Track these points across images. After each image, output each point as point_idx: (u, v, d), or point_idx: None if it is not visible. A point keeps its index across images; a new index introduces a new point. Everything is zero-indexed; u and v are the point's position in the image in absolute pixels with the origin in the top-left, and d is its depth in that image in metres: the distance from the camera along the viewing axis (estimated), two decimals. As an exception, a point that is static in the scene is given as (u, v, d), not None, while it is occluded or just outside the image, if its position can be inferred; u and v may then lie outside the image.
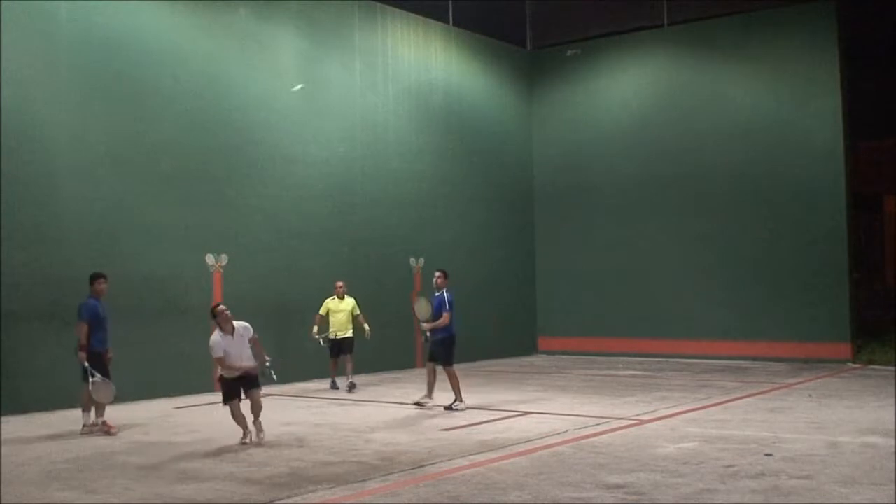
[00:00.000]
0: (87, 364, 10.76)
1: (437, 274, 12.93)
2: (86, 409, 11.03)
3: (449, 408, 12.32)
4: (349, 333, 15.11)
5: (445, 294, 12.63)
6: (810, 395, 13.40)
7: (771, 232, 19.27)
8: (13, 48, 12.93)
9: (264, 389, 10.84)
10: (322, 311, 15.12)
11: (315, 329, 15.04)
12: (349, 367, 15.05)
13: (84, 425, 10.96)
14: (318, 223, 17.23)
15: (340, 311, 15.07)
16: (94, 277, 11.30)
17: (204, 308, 15.09)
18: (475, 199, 20.85)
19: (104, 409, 11.08)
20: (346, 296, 15.19)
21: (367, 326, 15.01)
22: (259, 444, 9.93)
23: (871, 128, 22.76)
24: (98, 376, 10.75)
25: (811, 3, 19.12)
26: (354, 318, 15.13)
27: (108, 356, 11.19)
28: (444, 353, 12.59)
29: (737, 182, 19.66)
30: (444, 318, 12.49)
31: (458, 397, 12.46)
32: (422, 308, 12.76)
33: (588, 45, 21.97)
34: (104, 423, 11.00)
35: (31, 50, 13.23)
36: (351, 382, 14.94)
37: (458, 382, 12.51)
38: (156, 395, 14.11)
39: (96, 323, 11.01)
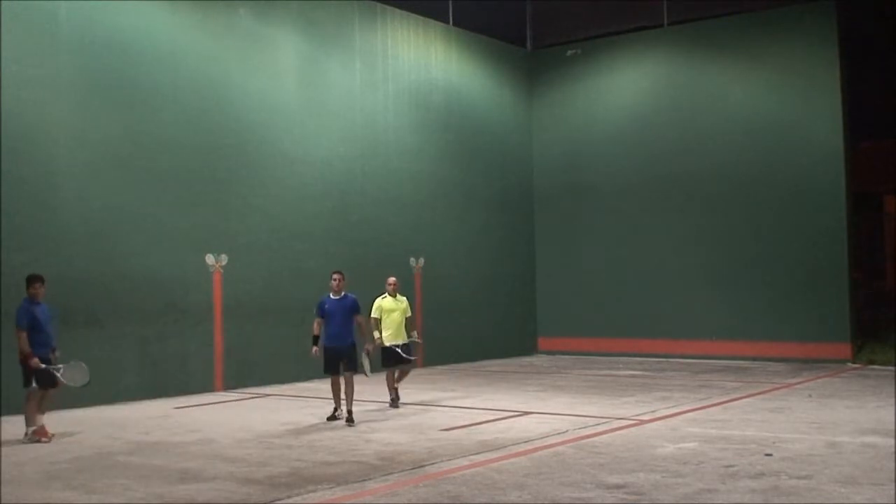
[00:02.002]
0: (42, 365, 10.46)
1: (338, 276, 11.83)
2: (31, 417, 10.53)
3: (351, 420, 11.37)
4: (405, 338, 12.98)
5: (350, 296, 11.80)
6: (810, 395, 13.40)
7: (771, 232, 19.27)
8: (14, 48, 12.93)
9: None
10: (375, 314, 12.93)
11: (376, 336, 12.83)
12: (401, 376, 13.16)
13: (25, 433, 10.51)
14: (318, 223, 17.24)
15: (395, 312, 12.95)
16: (31, 280, 10.86)
17: (204, 308, 15.19)
18: (475, 198, 20.85)
19: (41, 417, 10.63)
20: (397, 293, 13.10)
21: (415, 333, 13.21)
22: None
23: (871, 128, 22.75)
24: (61, 367, 10.55)
25: (811, 3, 19.12)
26: (407, 321, 13.06)
27: (53, 355, 10.71)
28: (356, 359, 11.77)
29: (737, 182, 19.66)
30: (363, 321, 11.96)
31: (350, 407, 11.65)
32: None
33: (588, 45, 21.97)
34: (34, 431, 10.51)
35: (31, 50, 13.23)
36: (395, 396, 12.99)
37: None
38: (156, 395, 14.11)
39: (34, 327, 10.61)
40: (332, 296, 11.81)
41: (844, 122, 18.80)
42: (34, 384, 10.56)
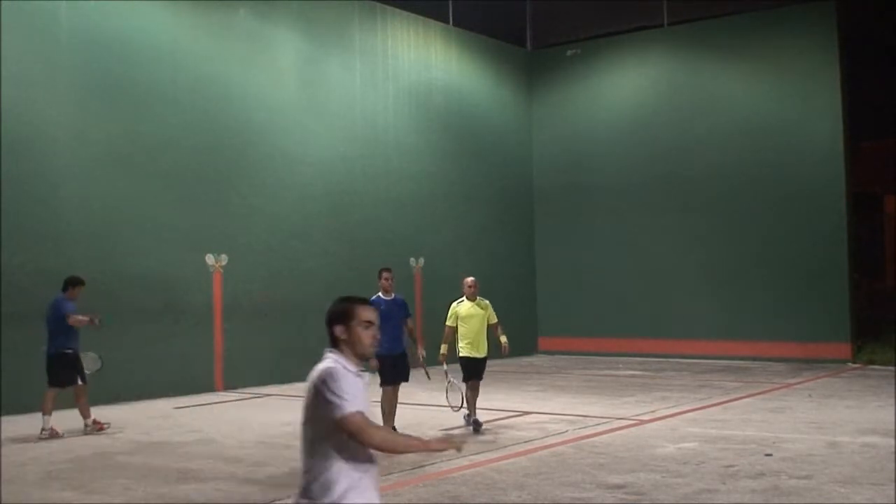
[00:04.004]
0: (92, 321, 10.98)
1: (388, 275, 10.48)
2: (47, 413, 10.75)
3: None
4: (485, 351, 11.12)
5: (399, 297, 10.57)
6: (810, 395, 13.39)
7: (771, 232, 19.26)
8: (13, 48, 12.93)
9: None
10: (450, 322, 11.08)
11: (443, 350, 11.04)
12: (474, 395, 11.03)
13: (43, 429, 10.67)
14: (318, 223, 17.23)
15: (473, 318, 11.05)
16: (75, 282, 11.13)
17: (204, 308, 15.18)
18: (475, 198, 20.84)
19: (89, 408, 11.00)
20: (477, 296, 11.22)
21: (504, 339, 11.29)
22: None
23: (871, 128, 22.77)
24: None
25: (811, 3, 19.11)
26: (489, 328, 11.22)
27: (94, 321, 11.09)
28: (408, 368, 10.55)
29: (737, 182, 19.65)
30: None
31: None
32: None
33: (588, 45, 21.97)
34: (95, 421, 10.95)
35: (31, 50, 13.23)
36: (475, 419, 10.90)
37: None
38: (156, 395, 14.11)
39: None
40: (382, 296, 10.36)
41: (844, 122, 18.78)
42: (79, 381, 10.89)
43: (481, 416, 11.74)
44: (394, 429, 10.02)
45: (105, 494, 7.76)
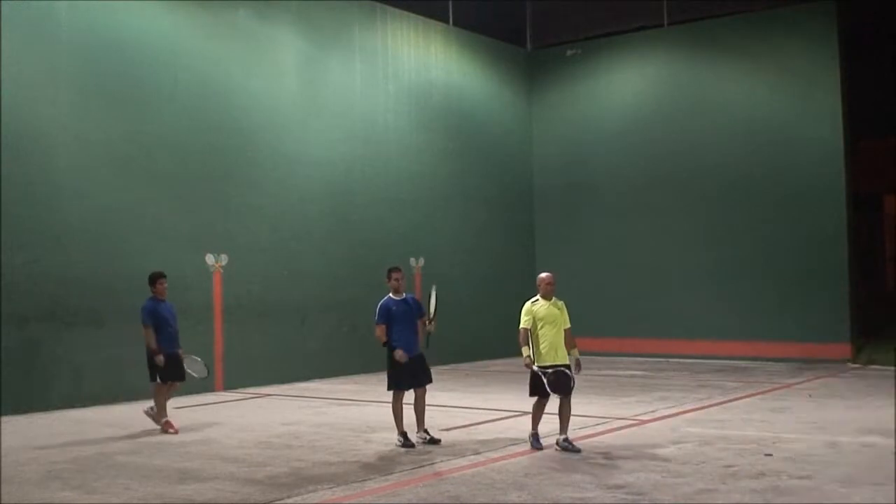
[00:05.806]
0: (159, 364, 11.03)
1: (398, 275, 10.11)
2: (161, 405, 11.09)
3: (435, 439, 9.92)
4: (566, 357, 9.80)
5: (411, 297, 10.31)
6: (810, 395, 13.40)
7: (771, 232, 19.26)
8: (13, 49, 12.93)
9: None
10: (525, 324, 10.03)
11: (526, 352, 9.85)
12: (566, 412, 9.48)
13: (150, 408, 11.19)
14: (318, 223, 17.23)
15: (553, 320, 10.05)
16: (155, 278, 11.50)
17: (204, 308, 15.18)
18: (475, 198, 20.84)
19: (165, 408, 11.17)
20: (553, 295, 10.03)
21: (576, 352, 10.03)
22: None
23: (871, 128, 22.77)
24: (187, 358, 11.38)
25: (811, 3, 19.12)
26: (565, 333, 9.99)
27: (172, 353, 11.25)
28: (428, 371, 10.19)
29: (737, 182, 19.65)
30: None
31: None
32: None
33: (588, 45, 21.96)
34: (167, 422, 11.04)
35: (31, 50, 13.23)
36: (565, 438, 9.35)
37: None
38: (156, 395, 14.10)
39: (160, 324, 11.20)
40: (393, 296, 10.08)
41: (844, 122, 18.79)
42: (158, 379, 11.08)
43: (480, 415, 11.74)
44: (426, 432, 9.94)
45: (105, 494, 7.76)
